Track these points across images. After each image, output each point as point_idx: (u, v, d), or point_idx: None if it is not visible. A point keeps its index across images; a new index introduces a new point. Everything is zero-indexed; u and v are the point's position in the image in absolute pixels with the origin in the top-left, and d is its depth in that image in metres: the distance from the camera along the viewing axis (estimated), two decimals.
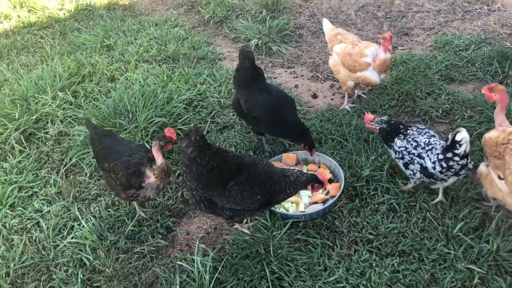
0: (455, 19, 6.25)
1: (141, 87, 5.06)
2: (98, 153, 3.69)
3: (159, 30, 6.40)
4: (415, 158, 3.43)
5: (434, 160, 3.33)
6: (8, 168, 4.39)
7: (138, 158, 3.48)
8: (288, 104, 4.12)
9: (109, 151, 3.60)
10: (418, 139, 3.48)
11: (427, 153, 3.38)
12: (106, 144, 3.64)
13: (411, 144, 3.47)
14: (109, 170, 3.53)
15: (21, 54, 6.25)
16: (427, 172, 3.41)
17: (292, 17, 6.65)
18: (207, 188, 3.10)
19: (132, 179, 3.42)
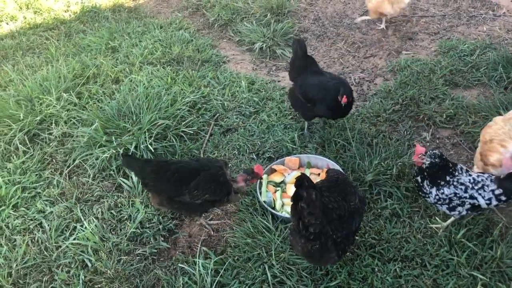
0: (460, 24, 6.23)
1: (145, 89, 5.07)
2: (170, 180, 3.41)
3: (164, 33, 6.42)
4: (467, 200, 3.22)
5: (489, 197, 3.17)
6: (12, 168, 4.40)
7: (218, 169, 3.46)
8: (343, 83, 4.13)
9: (183, 173, 3.43)
10: (462, 180, 3.25)
11: (478, 192, 3.20)
12: (176, 168, 3.46)
13: (461, 189, 3.23)
14: (190, 190, 3.37)
15: (27, 55, 6.28)
16: (476, 209, 3.25)
17: (297, 20, 6.65)
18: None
19: (225, 186, 3.43)
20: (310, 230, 2.74)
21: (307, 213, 2.71)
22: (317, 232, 2.75)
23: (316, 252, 2.84)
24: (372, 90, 5.25)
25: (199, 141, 4.66)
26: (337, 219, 2.82)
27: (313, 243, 2.81)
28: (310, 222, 2.72)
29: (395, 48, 5.92)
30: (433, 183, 3.32)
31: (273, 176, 4.08)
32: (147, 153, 4.25)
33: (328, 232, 2.77)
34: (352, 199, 2.97)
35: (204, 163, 3.54)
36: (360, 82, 5.41)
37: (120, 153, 4.20)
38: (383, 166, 3.98)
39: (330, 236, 2.79)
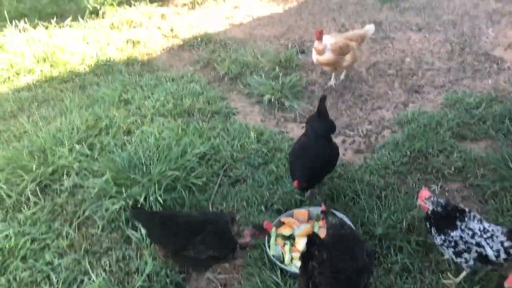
0: (465, 77, 6.35)
1: (156, 140, 5.15)
2: (176, 233, 3.44)
3: (176, 85, 6.59)
4: (473, 247, 3.20)
5: (498, 249, 3.13)
6: (22, 219, 4.42)
7: (224, 224, 3.45)
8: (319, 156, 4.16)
9: (190, 226, 3.44)
10: (471, 225, 3.24)
11: (486, 241, 3.16)
12: (183, 221, 3.51)
13: (467, 233, 3.22)
14: (195, 245, 3.38)
15: (42, 107, 6.45)
16: (484, 260, 3.21)
17: (305, 74, 6.82)
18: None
19: (231, 242, 3.41)
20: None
21: (317, 273, 2.68)
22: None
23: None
24: (380, 142, 5.30)
25: (208, 192, 4.69)
26: (344, 279, 2.78)
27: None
28: (321, 282, 2.68)
29: (401, 101, 6.02)
30: (440, 231, 3.32)
31: (282, 229, 4.06)
32: (156, 205, 4.27)
33: None
34: (360, 256, 2.94)
35: (211, 217, 3.56)
36: (368, 133, 5.47)
37: (130, 205, 4.22)
38: (392, 220, 3.96)
39: None
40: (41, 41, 7.81)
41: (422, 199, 3.41)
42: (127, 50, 7.91)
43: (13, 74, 7.31)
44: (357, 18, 8.24)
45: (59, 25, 8.44)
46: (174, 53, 7.93)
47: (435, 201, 3.35)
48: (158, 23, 8.84)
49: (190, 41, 8.08)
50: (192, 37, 8.21)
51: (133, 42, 8.18)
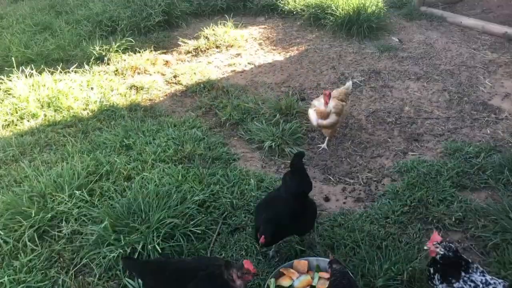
0: (464, 126, 6.42)
1: (156, 187, 5.16)
2: (168, 281, 3.48)
3: (177, 131, 6.66)
4: None
5: None
6: (18, 266, 4.37)
7: (216, 269, 3.39)
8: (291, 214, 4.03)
9: (181, 273, 3.44)
10: (474, 278, 3.22)
11: None
12: (174, 268, 3.54)
13: (469, 285, 3.21)
14: None
15: (44, 152, 6.49)
16: None
17: (305, 121, 6.89)
18: None
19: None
20: None
21: None
22: None
23: None
24: (380, 190, 5.30)
25: (207, 240, 4.65)
26: None
27: None
28: None
29: (401, 149, 6.06)
30: (444, 279, 3.27)
31: (281, 280, 3.99)
32: (154, 253, 4.23)
33: None
34: None
35: (203, 263, 3.51)
36: (368, 181, 5.47)
37: (123, 255, 4.18)
38: (393, 271, 3.91)
39: None
40: (46, 86, 7.95)
41: (432, 243, 3.35)
42: (131, 95, 8.04)
43: (17, 119, 7.40)
44: (356, 67, 8.41)
45: (65, 70, 8.61)
46: (177, 99, 8.05)
47: (447, 246, 3.30)
48: (162, 70, 9.03)
49: (193, 88, 8.22)
50: (195, 83, 8.36)
51: (137, 88, 8.32)
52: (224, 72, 8.85)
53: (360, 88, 7.72)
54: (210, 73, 8.71)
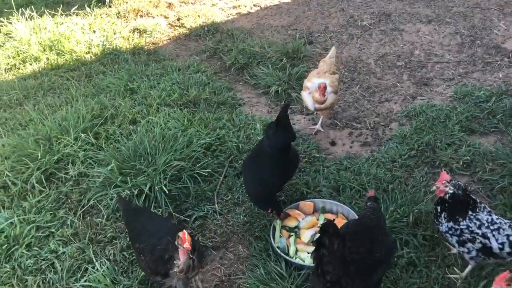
0: (475, 71, 6.26)
1: (162, 130, 5.13)
2: (131, 232, 3.56)
3: (182, 75, 6.55)
4: (479, 237, 3.17)
5: (502, 241, 3.12)
6: (27, 207, 4.43)
7: (164, 243, 3.13)
8: (274, 169, 3.95)
9: (141, 230, 3.41)
10: (480, 216, 3.22)
11: (492, 233, 3.14)
12: (139, 222, 3.46)
13: (474, 223, 3.20)
14: (139, 251, 3.30)
15: (47, 95, 6.44)
16: (487, 252, 3.19)
17: (312, 65, 6.74)
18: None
19: (159, 265, 3.11)
20: (327, 278, 2.73)
21: (326, 261, 2.69)
22: (333, 281, 2.72)
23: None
24: (387, 134, 5.24)
25: (213, 183, 4.67)
26: (355, 272, 2.76)
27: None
28: (328, 270, 2.70)
29: (410, 93, 5.94)
30: (451, 217, 3.27)
31: (287, 221, 4.04)
32: (161, 195, 4.26)
33: (345, 284, 2.72)
34: (378, 250, 2.92)
35: (162, 231, 3.26)
36: (375, 126, 5.41)
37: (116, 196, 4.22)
38: (399, 213, 3.93)
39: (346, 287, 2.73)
40: (48, 29, 7.77)
41: (441, 182, 3.30)
42: (134, 39, 7.86)
43: (19, 62, 7.30)
44: (366, 9, 8.13)
45: (66, 13, 8.39)
46: (181, 42, 7.87)
47: (457, 184, 3.27)
48: (165, 12, 8.77)
49: (197, 31, 8.01)
50: (199, 26, 8.14)
51: (140, 31, 8.12)
52: (229, 15, 8.60)
53: (369, 31, 7.48)
54: (214, 16, 8.46)
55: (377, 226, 3.14)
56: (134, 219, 3.52)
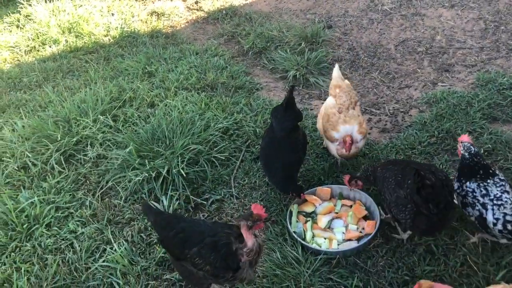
0: (498, 57, 6.11)
1: (180, 114, 5.14)
2: (173, 240, 3.13)
3: (199, 59, 6.53)
4: (478, 205, 3.24)
5: (498, 217, 3.14)
6: (47, 188, 4.50)
7: (225, 237, 2.99)
8: (288, 152, 3.97)
9: (188, 235, 3.10)
10: (489, 188, 3.25)
11: (492, 207, 3.18)
12: (180, 228, 3.14)
13: (480, 191, 3.26)
14: (192, 257, 3.00)
15: (66, 77, 6.49)
16: (482, 223, 3.23)
17: (331, 50, 6.67)
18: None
19: (229, 259, 2.92)
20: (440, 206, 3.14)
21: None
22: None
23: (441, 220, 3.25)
24: (406, 121, 5.17)
25: (230, 167, 4.67)
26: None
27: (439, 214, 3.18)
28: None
29: (430, 80, 5.84)
30: (458, 177, 3.45)
31: (303, 206, 4.02)
32: (179, 178, 4.28)
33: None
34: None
35: (212, 228, 3.13)
36: (395, 112, 5.34)
37: (141, 202, 4.02)
38: None
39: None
40: (67, 12, 7.81)
41: (461, 142, 3.50)
42: (152, 22, 7.86)
43: (39, 44, 7.36)
44: None
45: None
46: (199, 26, 7.84)
47: (467, 147, 3.44)
48: None
49: (215, 14, 7.97)
50: (217, 10, 8.09)
51: (158, 14, 8.12)
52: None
53: (390, 16, 7.35)
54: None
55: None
56: (172, 226, 3.17)
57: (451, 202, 3.25)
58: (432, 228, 3.32)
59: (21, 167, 4.84)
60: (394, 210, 3.40)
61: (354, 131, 4.14)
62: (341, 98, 4.32)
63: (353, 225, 3.79)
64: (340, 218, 3.89)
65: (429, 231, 3.42)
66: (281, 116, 4.02)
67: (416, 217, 3.24)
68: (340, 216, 3.91)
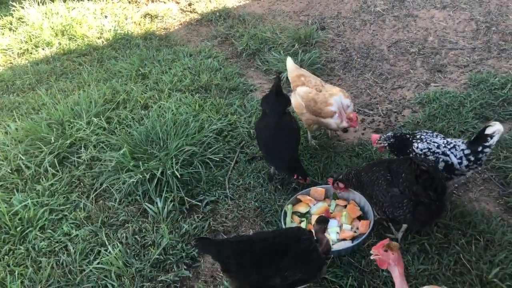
0: (490, 57, 6.16)
1: (173, 115, 5.14)
2: (255, 264, 2.95)
3: (193, 61, 6.54)
4: (441, 156, 3.58)
5: (460, 156, 3.53)
6: (40, 190, 4.48)
7: (307, 241, 3.04)
8: (287, 132, 4.20)
9: (269, 252, 2.97)
10: (435, 140, 3.67)
11: (450, 151, 3.57)
12: (260, 248, 2.99)
13: (434, 145, 3.63)
14: (281, 272, 2.93)
15: (60, 80, 6.47)
16: (451, 168, 3.57)
17: (324, 51, 6.69)
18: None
19: (320, 260, 3.05)
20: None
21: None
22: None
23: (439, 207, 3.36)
24: (400, 121, 5.20)
25: (225, 168, 4.67)
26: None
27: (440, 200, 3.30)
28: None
29: (423, 80, 5.87)
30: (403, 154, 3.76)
31: (298, 206, 4.03)
32: (173, 179, 4.28)
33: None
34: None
35: (290, 236, 3.10)
36: (388, 113, 5.37)
37: (195, 238, 3.67)
38: None
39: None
40: (59, 14, 7.79)
41: (375, 143, 3.87)
42: (145, 24, 7.86)
43: (32, 47, 7.34)
44: None
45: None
46: (192, 28, 7.85)
47: (386, 137, 3.86)
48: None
49: (208, 16, 7.98)
50: (210, 11, 8.11)
51: (151, 16, 8.12)
52: (241, 0, 8.54)
53: (382, 17, 7.39)
54: (226, 1, 8.43)
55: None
56: (245, 250, 3.00)
57: (445, 184, 3.33)
58: (432, 216, 3.41)
59: (14, 170, 4.83)
60: (388, 209, 3.41)
61: (343, 98, 4.45)
62: (310, 82, 4.65)
63: (347, 225, 3.80)
64: (335, 218, 3.90)
65: (429, 221, 3.49)
66: (273, 102, 4.29)
67: (415, 209, 3.30)
68: (334, 216, 3.92)
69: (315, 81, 4.67)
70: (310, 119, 4.64)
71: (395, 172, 3.37)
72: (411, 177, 3.22)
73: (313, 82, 4.64)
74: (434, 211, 3.34)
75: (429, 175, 3.17)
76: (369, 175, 3.58)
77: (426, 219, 3.39)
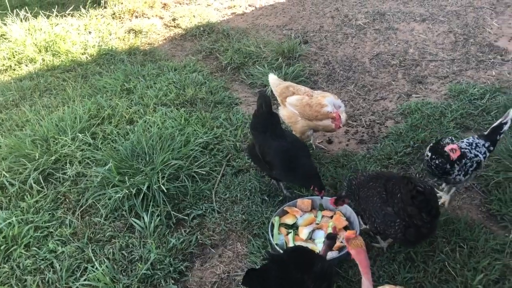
0: (469, 68, 6.32)
1: (159, 129, 5.15)
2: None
3: (178, 75, 6.57)
4: (474, 159, 3.78)
5: (484, 151, 3.81)
6: (25, 207, 4.43)
7: (319, 265, 3.08)
8: (300, 149, 4.20)
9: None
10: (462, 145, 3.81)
11: (476, 150, 3.79)
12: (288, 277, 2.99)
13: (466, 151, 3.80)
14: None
15: (44, 96, 6.44)
16: (479, 166, 3.80)
17: (307, 64, 6.79)
18: None
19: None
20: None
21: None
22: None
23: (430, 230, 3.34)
24: (383, 132, 5.29)
25: (211, 181, 4.69)
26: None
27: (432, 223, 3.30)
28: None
29: (405, 91, 5.99)
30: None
31: (285, 218, 4.06)
32: (159, 194, 4.28)
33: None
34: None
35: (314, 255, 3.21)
36: (371, 124, 5.45)
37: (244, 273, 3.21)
38: None
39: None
40: (43, 30, 7.77)
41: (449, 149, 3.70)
42: (129, 39, 7.88)
43: (15, 63, 7.30)
44: (360, 9, 8.19)
45: (61, 14, 8.40)
46: (177, 42, 7.90)
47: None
48: (160, 13, 8.81)
49: (193, 31, 8.04)
50: (194, 26, 8.17)
51: (135, 31, 8.15)
52: (224, 15, 8.64)
53: (364, 30, 7.54)
54: (209, 16, 8.51)
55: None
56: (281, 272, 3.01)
57: (438, 207, 3.34)
58: (422, 238, 3.39)
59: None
60: (380, 226, 3.42)
61: (334, 99, 4.66)
62: (300, 90, 4.83)
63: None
64: (321, 229, 3.94)
65: (418, 241, 3.48)
66: (275, 122, 4.26)
67: (406, 230, 3.28)
68: (321, 227, 3.96)
69: (304, 89, 4.85)
70: (305, 126, 4.74)
71: (391, 192, 3.36)
72: (406, 198, 3.20)
73: (303, 90, 4.83)
74: (424, 234, 3.32)
75: (425, 197, 3.16)
76: (364, 191, 3.57)
77: (415, 240, 3.38)
